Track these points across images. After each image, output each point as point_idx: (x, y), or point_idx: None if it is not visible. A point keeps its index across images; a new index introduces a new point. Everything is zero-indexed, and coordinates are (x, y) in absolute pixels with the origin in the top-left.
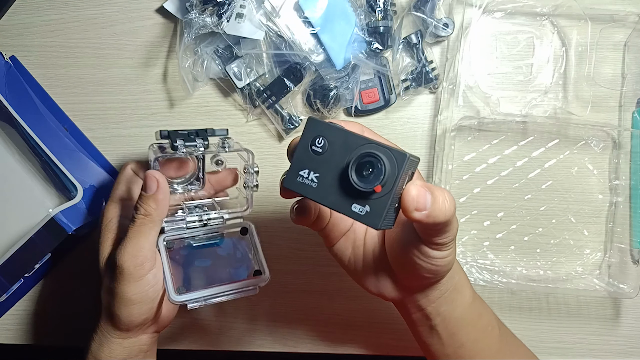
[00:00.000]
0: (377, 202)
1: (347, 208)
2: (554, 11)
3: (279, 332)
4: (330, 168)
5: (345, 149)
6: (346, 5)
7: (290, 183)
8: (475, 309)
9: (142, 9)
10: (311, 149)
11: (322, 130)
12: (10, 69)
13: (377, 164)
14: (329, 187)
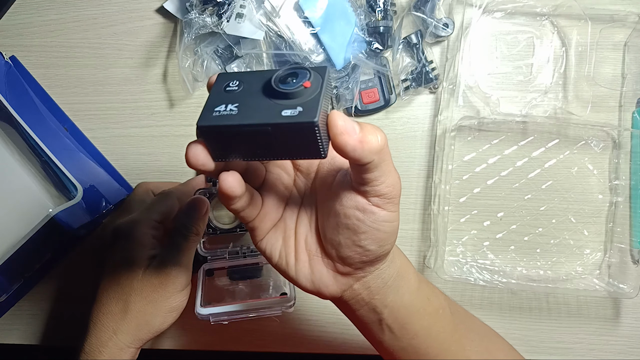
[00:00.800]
0: (309, 100)
1: (278, 116)
2: (554, 11)
3: (279, 332)
4: (250, 95)
5: (263, 78)
6: (346, 5)
7: (206, 119)
8: (423, 293)
9: (142, 9)
10: (225, 90)
11: (234, 76)
12: (10, 69)
13: (299, 71)
14: (252, 108)
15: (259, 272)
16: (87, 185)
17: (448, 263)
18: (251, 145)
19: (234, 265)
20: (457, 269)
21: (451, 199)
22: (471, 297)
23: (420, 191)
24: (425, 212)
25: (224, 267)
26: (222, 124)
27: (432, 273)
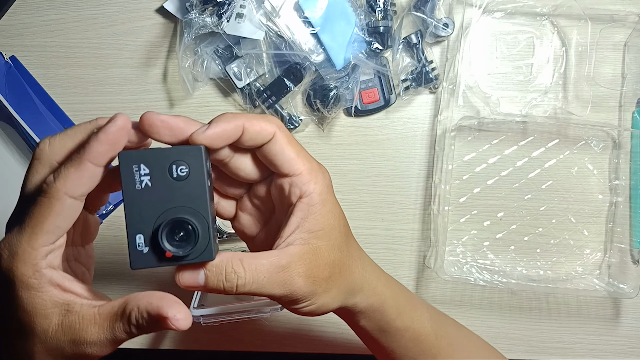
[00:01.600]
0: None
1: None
2: (554, 11)
3: (279, 332)
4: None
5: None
6: (346, 5)
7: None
8: (401, 323)
9: (142, 9)
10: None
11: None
12: (10, 69)
13: (184, 226)
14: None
15: None
16: None
17: (448, 263)
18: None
19: None
20: (457, 269)
21: (451, 199)
22: (471, 297)
23: (420, 191)
24: (425, 212)
25: None
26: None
27: (432, 273)
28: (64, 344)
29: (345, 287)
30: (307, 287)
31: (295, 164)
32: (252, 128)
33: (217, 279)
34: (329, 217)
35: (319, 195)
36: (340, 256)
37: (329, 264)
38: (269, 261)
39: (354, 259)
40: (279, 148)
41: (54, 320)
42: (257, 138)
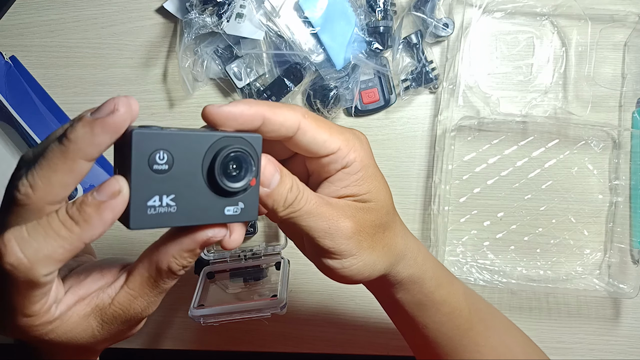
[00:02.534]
0: (249, 194)
1: (220, 214)
2: (554, 11)
3: (279, 332)
4: (186, 183)
5: (194, 154)
6: (346, 5)
7: (140, 221)
8: (438, 296)
9: (142, 9)
10: (152, 170)
11: (157, 142)
12: (10, 69)
13: (243, 158)
14: (192, 204)
15: (260, 274)
16: (87, 185)
17: (448, 263)
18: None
19: (235, 268)
20: (457, 269)
21: (451, 199)
22: None
23: (420, 191)
24: (425, 212)
25: (226, 270)
26: (161, 224)
27: None
28: (119, 329)
29: (389, 250)
30: (353, 233)
31: (330, 144)
32: (275, 119)
33: (285, 185)
34: (373, 181)
35: (360, 162)
36: (386, 219)
37: (375, 223)
38: (317, 195)
39: (398, 224)
40: (310, 137)
41: (94, 325)
42: (280, 130)
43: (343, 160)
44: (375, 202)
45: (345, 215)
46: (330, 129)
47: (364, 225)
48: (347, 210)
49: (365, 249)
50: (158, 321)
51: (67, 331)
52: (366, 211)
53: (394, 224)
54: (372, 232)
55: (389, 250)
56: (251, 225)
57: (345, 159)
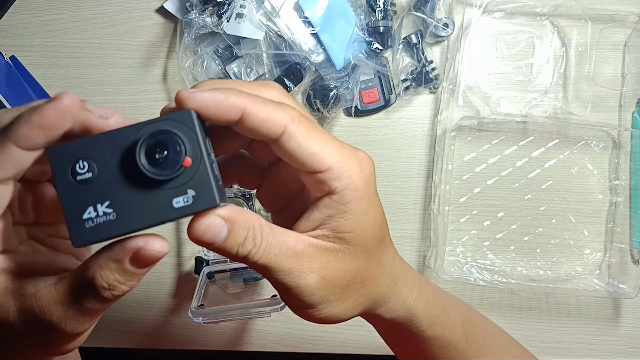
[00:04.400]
0: (197, 177)
1: (170, 209)
2: (554, 11)
3: (279, 332)
4: (117, 184)
5: (118, 152)
6: (346, 5)
7: (80, 237)
8: (432, 333)
9: (142, 9)
10: (77, 181)
11: (74, 153)
12: (10, 69)
13: (167, 139)
14: (131, 206)
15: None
16: None
17: (448, 263)
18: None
19: (235, 268)
20: (457, 269)
21: (451, 199)
22: (471, 297)
23: (420, 191)
24: (425, 212)
25: (226, 270)
26: (104, 236)
27: (432, 273)
28: (32, 329)
29: (365, 299)
30: (317, 289)
31: (319, 160)
32: (255, 115)
33: (237, 239)
34: (361, 218)
35: (352, 192)
36: (366, 265)
37: (350, 272)
38: (283, 241)
39: (384, 268)
40: (294, 145)
41: (11, 308)
42: (261, 130)
43: (331, 183)
44: (355, 247)
45: (311, 267)
46: (324, 142)
47: (335, 276)
48: (316, 260)
49: (332, 302)
50: (158, 321)
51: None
52: (340, 259)
53: (377, 269)
54: (344, 283)
55: (364, 300)
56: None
57: (333, 183)
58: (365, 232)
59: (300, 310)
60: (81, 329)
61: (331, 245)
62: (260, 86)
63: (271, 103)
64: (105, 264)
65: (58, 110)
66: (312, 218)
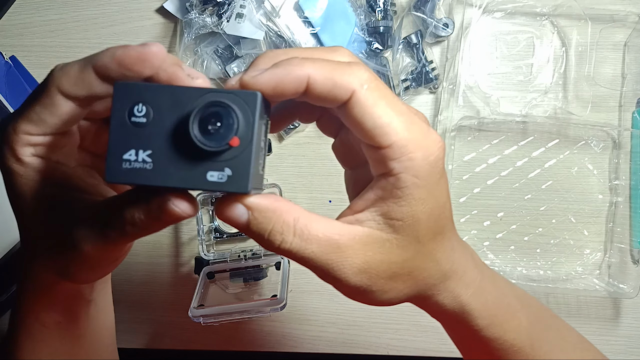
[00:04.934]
0: (239, 159)
1: (202, 179)
2: (554, 11)
3: (279, 332)
4: (164, 139)
5: (177, 108)
6: (346, 5)
7: (114, 173)
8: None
9: (142, 9)
10: (130, 122)
11: (138, 94)
12: (10, 69)
13: (224, 113)
14: (169, 163)
15: (261, 274)
16: None
17: None
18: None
19: (235, 268)
20: None
21: (451, 199)
22: None
23: None
24: None
25: (226, 270)
26: (135, 181)
27: None
28: (54, 239)
29: (411, 290)
30: (359, 281)
31: (382, 133)
32: (320, 83)
33: (259, 229)
34: (416, 207)
35: (412, 177)
36: (415, 256)
37: (396, 264)
38: (326, 235)
39: (436, 261)
40: (358, 111)
41: (41, 213)
42: (328, 97)
43: (390, 163)
44: (404, 237)
45: (352, 262)
46: (393, 114)
47: (379, 268)
48: (360, 253)
49: (374, 292)
50: (158, 321)
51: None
52: (387, 251)
53: (428, 261)
54: (389, 274)
55: (410, 291)
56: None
57: (392, 163)
58: (418, 222)
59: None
60: (95, 253)
61: (378, 235)
62: (327, 51)
63: (338, 66)
64: (137, 202)
65: (141, 54)
66: (365, 197)
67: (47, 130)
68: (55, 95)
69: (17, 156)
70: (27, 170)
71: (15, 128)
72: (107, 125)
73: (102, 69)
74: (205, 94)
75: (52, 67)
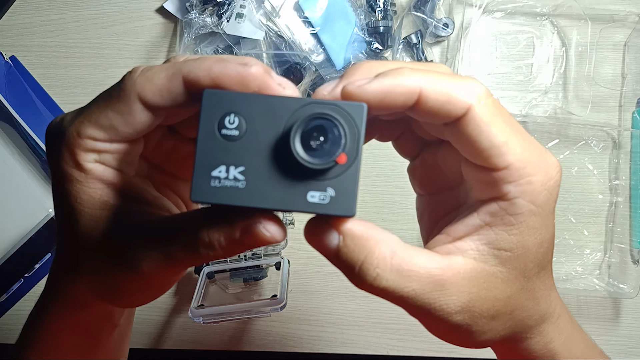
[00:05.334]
0: (343, 178)
1: (302, 201)
2: (554, 11)
3: (279, 332)
4: (258, 154)
5: (273, 121)
6: (346, 5)
7: (201, 192)
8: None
9: (142, 9)
10: (221, 134)
11: (230, 104)
12: (10, 69)
13: (329, 127)
14: (264, 182)
15: (261, 274)
16: None
17: None
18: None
19: (235, 268)
20: None
21: None
22: None
23: None
24: None
25: (226, 270)
26: (226, 203)
27: None
28: (105, 261)
29: (508, 332)
30: (460, 322)
31: (499, 154)
32: (434, 97)
33: (349, 259)
34: (528, 237)
35: (528, 203)
36: (519, 292)
37: (500, 302)
38: (427, 271)
39: (536, 300)
40: (474, 129)
41: (101, 225)
42: (439, 113)
43: (505, 186)
44: (511, 271)
45: (456, 300)
46: (511, 133)
47: (482, 306)
48: (463, 290)
49: (472, 333)
50: (158, 321)
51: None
52: (492, 287)
53: (530, 300)
54: (492, 313)
55: (506, 333)
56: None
57: (507, 187)
58: (527, 254)
59: (435, 333)
60: (153, 275)
61: (482, 268)
62: (429, 66)
63: (453, 79)
64: (217, 222)
65: (241, 76)
66: (467, 222)
67: (116, 138)
68: (135, 103)
69: (78, 161)
70: (88, 178)
71: (80, 131)
72: (171, 133)
73: (193, 82)
74: (305, 106)
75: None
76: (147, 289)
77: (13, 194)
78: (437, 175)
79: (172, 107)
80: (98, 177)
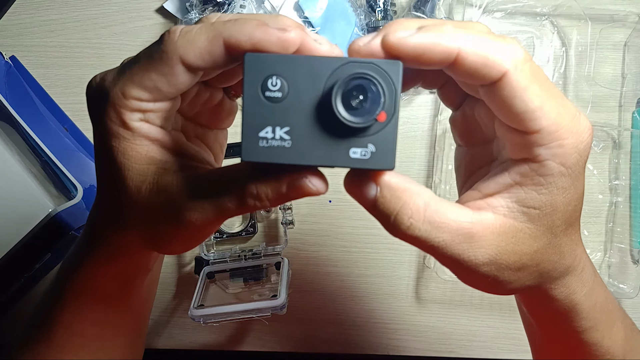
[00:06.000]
0: (382, 134)
1: (345, 157)
2: (554, 11)
3: (279, 332)
4: (301, 114)
5: (314, 81)
6: (346, 5)
7: (252, 153)
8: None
9: (142, 9)
10: (265, 97)
11: (271, 66)
12: (10, 69)
13: (369, 86)
14: (309, 140)
15: (260, 274)
16: (87, 185)
17: None
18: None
19: (235, 268)
20: None
21: (451, 199)
22: (471, 297)
23: None
24: None
25: (226, 270)
26: (275, 161)
27: (432, 273)
28: (158, 207)
29: (533, 281)
30: (488, 272)
31: (533, 118)
32: (471, 59)
33: (386, 209)
34: (556, 197)
35: (559, 164)
36: (545, 247)
37: (526, 255)
38: (458, 223)
39: (562, 254)
40: (509, 93)
41: (148, 179)
42: (476, 75)
43: (536, 149)
44: (538, 227)
45: (484, 252)
46: (546, 97)
47: (509, 259)
48: (492, 243)
49: (499, 282)
50: (158, 321)
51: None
52: (519, 241)
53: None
54: (519, 265)
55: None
56: (251, 225)
57: (539, 149)
58: (555, 212)
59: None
60: (199, 224)
61: (511, 224)
62: (468, 25)
63: (492, 41)
64: (264, 176)
65: (282, 41)
66: (498, 180)
67: (159, 98)
68: (177, 65)
69: (124, 120)
70: (134, 135)
71: (125, 92)
72: (203, 85)
73: (234, 45)
74: (343, 65)
75: (168, 29)
76: (193, 237)
77: (13, 194)
78: (474, 128)
79: (212, 68)
80: (144, 135)
